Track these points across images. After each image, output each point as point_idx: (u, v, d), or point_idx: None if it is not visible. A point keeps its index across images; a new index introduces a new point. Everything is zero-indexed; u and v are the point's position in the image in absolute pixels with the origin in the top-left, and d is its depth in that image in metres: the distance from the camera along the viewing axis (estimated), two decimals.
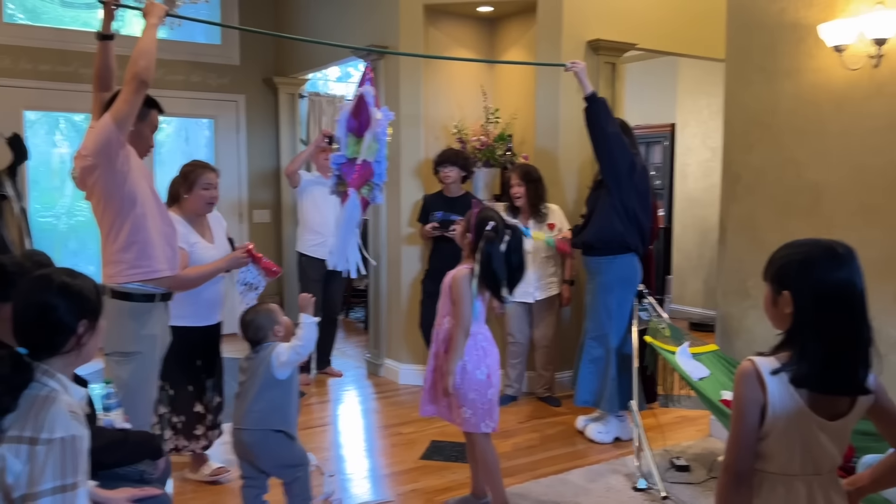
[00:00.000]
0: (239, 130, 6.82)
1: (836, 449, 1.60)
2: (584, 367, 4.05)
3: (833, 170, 3.47)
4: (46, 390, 1.70)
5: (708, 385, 3.36)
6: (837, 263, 1.57)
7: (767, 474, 1.62)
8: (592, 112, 3.88)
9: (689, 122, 7.65)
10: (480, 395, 2.98)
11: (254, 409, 2.79)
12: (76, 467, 1.64)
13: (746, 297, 3.88)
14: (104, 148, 2.67)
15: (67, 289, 1.78)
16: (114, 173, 2.71)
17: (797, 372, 1.55)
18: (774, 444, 1.59)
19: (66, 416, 1.66)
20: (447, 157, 4.70)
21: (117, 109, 2.65)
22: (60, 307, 1.76)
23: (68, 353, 1.77)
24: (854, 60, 3.30)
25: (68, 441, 1.63)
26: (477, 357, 2.99)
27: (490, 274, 2.91)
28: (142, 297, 2.86)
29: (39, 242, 5.81)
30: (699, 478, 3.54)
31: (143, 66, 2.63)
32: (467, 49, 5.26)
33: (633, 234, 3.95)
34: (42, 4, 6.00)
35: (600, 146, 3.91)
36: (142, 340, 2.87)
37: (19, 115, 5.80)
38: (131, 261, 2.81)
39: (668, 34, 5.21)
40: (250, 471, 2.89)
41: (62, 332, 1.76)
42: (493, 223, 2.92)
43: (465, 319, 2.95)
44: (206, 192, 3.41)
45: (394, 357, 5.28)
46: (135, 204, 2.78)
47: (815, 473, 1.60)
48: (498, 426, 3.05)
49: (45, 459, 1.61)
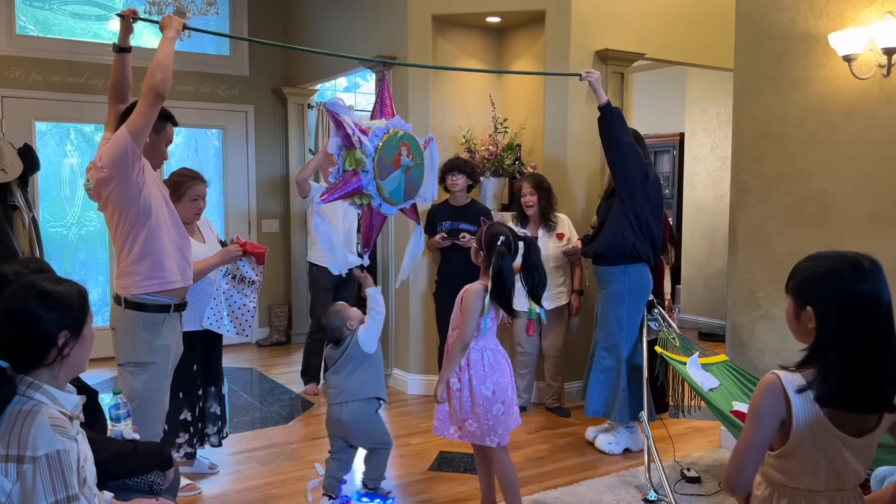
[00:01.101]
0: (248, 141, 6.85)
1: (861, 465, 1.57)
2: (595, 377, 4.03)
3: (843, 180, 3.46)
4: (31, 404, 1.65)
5: (718, 396, 3.34)
6: (861, 277, 1.52)
7: (790, 489, 1.59)
8: (607, 122, 3.87)
9: (698, 131, 7.64)
10: (485, 410, 2.95)
11: (351, 383, 3.22)
12: (67, 481, 1.61)
13: (756, 308, 3.86)
14: (120, 160, 2.68)
15: (47, 297, 1.71)
16: (129, 185, 2.72)
17: (822, 390, 1.51)
18: (799, 462, 1.55)
19: (48, 431, 1.61)
20: (455, 165, 4.70)
21: (133, 122, 2.67)
22: (40, 317, 1.69)
23: (51, 365, 1.71)
24: (864, 70, 3.29)
25: (53, 457, 1.60)
26: (483, 373, 2.96)
27: (501, 288, 2.90)
28: (156, 307, 2.87)
29: (49, 252, 5.85)
30: (710, 489, 3.51)
31: (159, 79, 2.65)
32: (475, 59, 5.28)
33: (645, 244, 3.94)
34: (53, 16, 6.05)
35: (614, 156, 3.90)
36: (156, 351, 2.88)
37: (30, 125, 5.85)
38: (146, 272, 2.82)
39: (676, 44, 5.21)
40: (341, 445, 3.31)
41: (42, 344, 1.69)
42: (503, 237, 2.92)
43: (466, 334, 2.94)
44: (194, 204, 3.47)
45: (402, 367, 5.27)
46: (149, 216, 2.79)
47: (838, 489, 1.58)
48: (507, 440, 3.02)
49: (34, 478, 1.58)
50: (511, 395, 3.03)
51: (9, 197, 5.22)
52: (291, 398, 5.14)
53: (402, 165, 3.17)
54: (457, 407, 3.00)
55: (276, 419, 4.67)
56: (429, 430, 4.32)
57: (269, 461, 3.89)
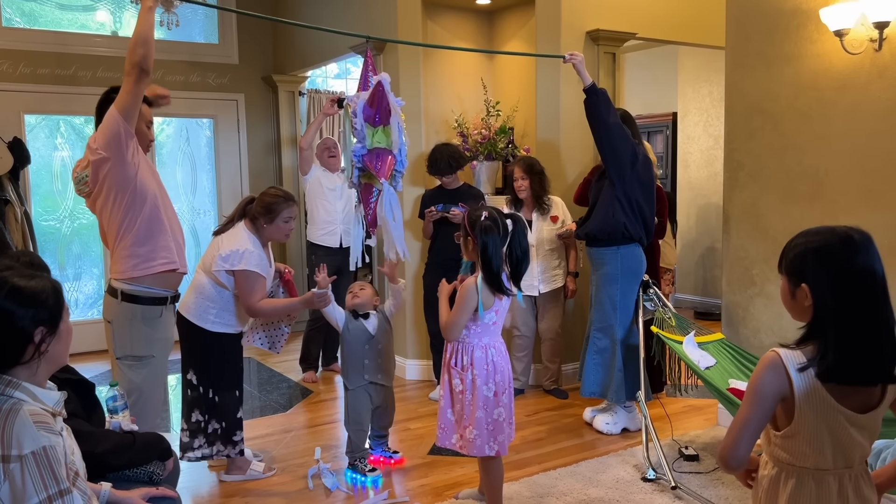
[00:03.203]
0: (239, 129, 6.82)
1: (867, 441, 1.57)
2: (590, 358, 4.04)
3: (836, 155, 3.46)
4: (10, 402, 1.63)
5: (715, 374, 3.36)
6: (854, 251, 1.51)
7: (796, 468, 1.58)
8: (592, 103, 3.86)
9: (691, 110, 7.62)
10: (487, 413, 2.89)
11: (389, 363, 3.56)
12: (56, 476, 1.60)
13: (751, 285, 3.87)
14: (114, 139, 2.67)
15: (19, 294, 1.66)
16: (125, 165, 2.71)
17: (823, 367, 1.50)
18: (805, 441, 1.55)
19: (31, 428, 1.59)
20: (438, 169, 4.58)
21: (121, 100, 2.66)
22: (13, 314, 1.64)
23: (29, 363, 1.67)
24: (855, 45, 3.28)
25: (40, 454, 1.58)
26: (486, 373, 2.90)
27: (488, 265, 2.81)
28: (152, 300, 2.85)
29: (43, 246, 5.83)
30: (708, 467, 3.54)
31: (141, 54, 2.60)
32: (466, 42, 5.25)
33: (637, 225, 3.94)
34: (39, 8, 5.99)
35: (601, 137, 3.89)
36: (155, 344, 2.87)
37: (20, 119, 5.81)
38: (145, 254, 2.80)
39: (667, 22, 5.19)
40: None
41: (18, 342, 1.65)
42: (485, 213, 2.83)
43: (454, 330, 2.87)
44: (286, 225, 3.38)
45: (399, 353, 5.27)
46: (146, 196, 2.78)
47: (846, 467, 1.57)
48: (506, 450, 2.96)
49: (23, 476, 1.56)
50: (510, 404, 2.96)
51: (0, 191, 5.20)
52: (290, 386, 5.14)
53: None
54: (460, 411, 2.94)
55: (275, 407, 4.68)
56: (427, 415, 4.35)
57: (268, 449, 3.90)
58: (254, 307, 3.25)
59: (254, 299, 3.23)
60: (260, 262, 3.26)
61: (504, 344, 3.02)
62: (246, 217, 3.38)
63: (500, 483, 3.04)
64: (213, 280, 3.27)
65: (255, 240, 3.31)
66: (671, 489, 3.27)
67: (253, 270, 3.23)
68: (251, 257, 3.23)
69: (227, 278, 3.26)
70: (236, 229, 3.35)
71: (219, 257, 3.23)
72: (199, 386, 3.35)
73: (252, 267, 3.22)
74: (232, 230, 3.35)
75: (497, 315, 2.92)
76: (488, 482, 3.02)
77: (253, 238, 3.31)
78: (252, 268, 3.22)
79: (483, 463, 3.01)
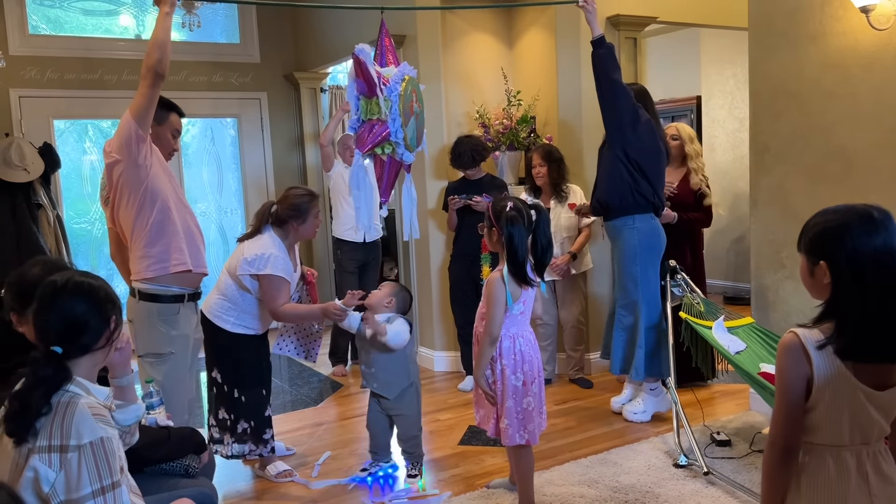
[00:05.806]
0: (263, 128, 6.88)
1: (884, 418, 1.57)
2: (617, 334, 4.00)
3: (864, 134, 3.40)
4: (67, 396, 1.69)
5: (746, 358, 3.33)
6: (874, 228, 1.51)
7: (815, 446, 1.59)
8: (599, 56, 3.77)
9: (715, 93, 7.53)
10: (517, 402, 2.90)
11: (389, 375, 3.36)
12: (112, 467, 1.65)
13: (781, 268, 3.83)
14: (125, 142, 2.73)
15: (106, 285, 1.84)
16: (136, 167, 2.76)
17: (841, 343, 1.51)
18: (822, 417, 1.55)
19: (91, 420, 1.65)
20: (462, 163, 4.61)
21: (135, 104, 2.71)
22: (103, 298, 1.79)
23: (97, 352, 1.78)
24: (882, 20, 3.22)
25: (97, 444, 1.63)
26: (514, 362, 2.90)
27: (514, 256, 2.82)
28: (170, 298, 2.89)
29: (76, 249, 5.94)
30: (740, 452, 3.51)
31: (156, 58, 2.65)
32: (486, 33, 5.23)
33: (645, 184, 3.84)
34: (64, 14, 6.09)
35: (604, 92, 3.80)
36: (174, 341, 2.91)
37: (49, 124, 5.91)
38: (158, 255, 2.85)
39: (688, 5, 5.12)
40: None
41: (99, 325, 1.77)
42: (510, 203, 2.84)
43: (494, 327, 2.86)
44: (316, 221, 3.43)
45: (427, 345, 5.30)
46: (157, 198, 2.82)
47: (863, 443, 1.57)
48: (537, 440, 2.97)
49: (80, 465, 1.61)
50: (539, 393, 2.96)
51: (32, 196, 5.30)
52: (320, 380, 5.20)
53: (414, 112, 3.17)
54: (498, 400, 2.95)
55: (305, 401, 4.73)
56: (457, 406, 4.37)
57: (301, 442, 3.95)
58: (277, 311, 3.27)
59: (278, 303, 3.25)
60: (285, 267, 3.28)
61: (533, 333, 3.02)
62: (272, 222, 3.38)
63: (531, 472, 3.05)
64: (237, 283, 3.30)
65: (280, 244, 3.32)
66: (703, 475, 3.25)
67: (278, 275, 3.24)
68: (276, 261, 3.24)
69: (251, 282, 3.28)
70: (262, 234, 3.35)
71: (244, 261, 3.25)
72: (224, 384, 3.38)
73: (278, 272, 3.24)
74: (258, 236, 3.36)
75: (524, 305, 2.93)
76: (519, 471, 3.03)
77: (279, 242, 3.32)
78: (278, 272, 3.24)
79: (514, 452, 3.02)
